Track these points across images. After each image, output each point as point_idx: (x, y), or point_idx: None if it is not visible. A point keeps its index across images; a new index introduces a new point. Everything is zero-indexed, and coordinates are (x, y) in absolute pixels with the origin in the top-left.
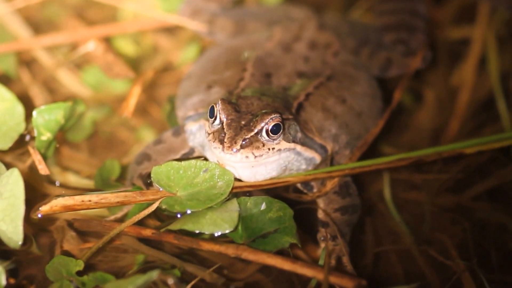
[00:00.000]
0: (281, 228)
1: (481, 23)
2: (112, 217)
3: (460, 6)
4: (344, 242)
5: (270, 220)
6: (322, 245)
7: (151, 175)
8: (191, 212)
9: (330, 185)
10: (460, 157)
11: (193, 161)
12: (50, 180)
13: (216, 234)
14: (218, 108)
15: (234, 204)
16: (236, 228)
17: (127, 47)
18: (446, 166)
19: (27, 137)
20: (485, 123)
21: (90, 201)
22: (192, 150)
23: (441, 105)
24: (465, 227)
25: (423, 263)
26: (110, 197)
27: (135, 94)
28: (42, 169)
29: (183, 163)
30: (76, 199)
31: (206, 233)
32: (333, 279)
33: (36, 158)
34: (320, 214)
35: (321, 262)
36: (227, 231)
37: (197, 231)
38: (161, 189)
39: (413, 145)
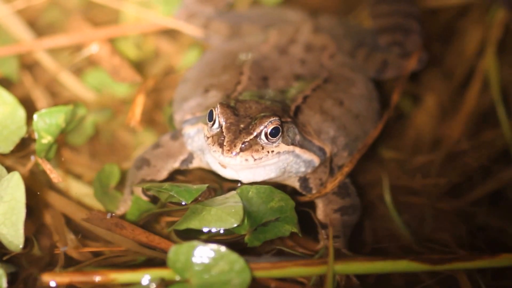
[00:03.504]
0: (282, 217)
1: (483, 28)
2: (109, 216)
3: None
4: (344, 243)
5: (271, 209)
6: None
7: (168, 256)
8: (193, 209)
9: (330, 186)
10: (460, 160)
11: (215, 246)
12: (51, 184)
13: (221, 231)
14: (217, 111)
15: (236, 197)
16: (242, 221)
17: (129, 51)
18: (445, 170)
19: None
20: (485, 128)
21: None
22: (191, 155)
23: (441, 109)
24: (464, 230)
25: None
26: None
27: (139, 103)
28: (55, 177)
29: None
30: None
31: (213, 230)
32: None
33: (47, 167)
34: (320, 215)
35: None
36: (234, 225)
37: (204, 229)
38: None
39: (414, 149)
